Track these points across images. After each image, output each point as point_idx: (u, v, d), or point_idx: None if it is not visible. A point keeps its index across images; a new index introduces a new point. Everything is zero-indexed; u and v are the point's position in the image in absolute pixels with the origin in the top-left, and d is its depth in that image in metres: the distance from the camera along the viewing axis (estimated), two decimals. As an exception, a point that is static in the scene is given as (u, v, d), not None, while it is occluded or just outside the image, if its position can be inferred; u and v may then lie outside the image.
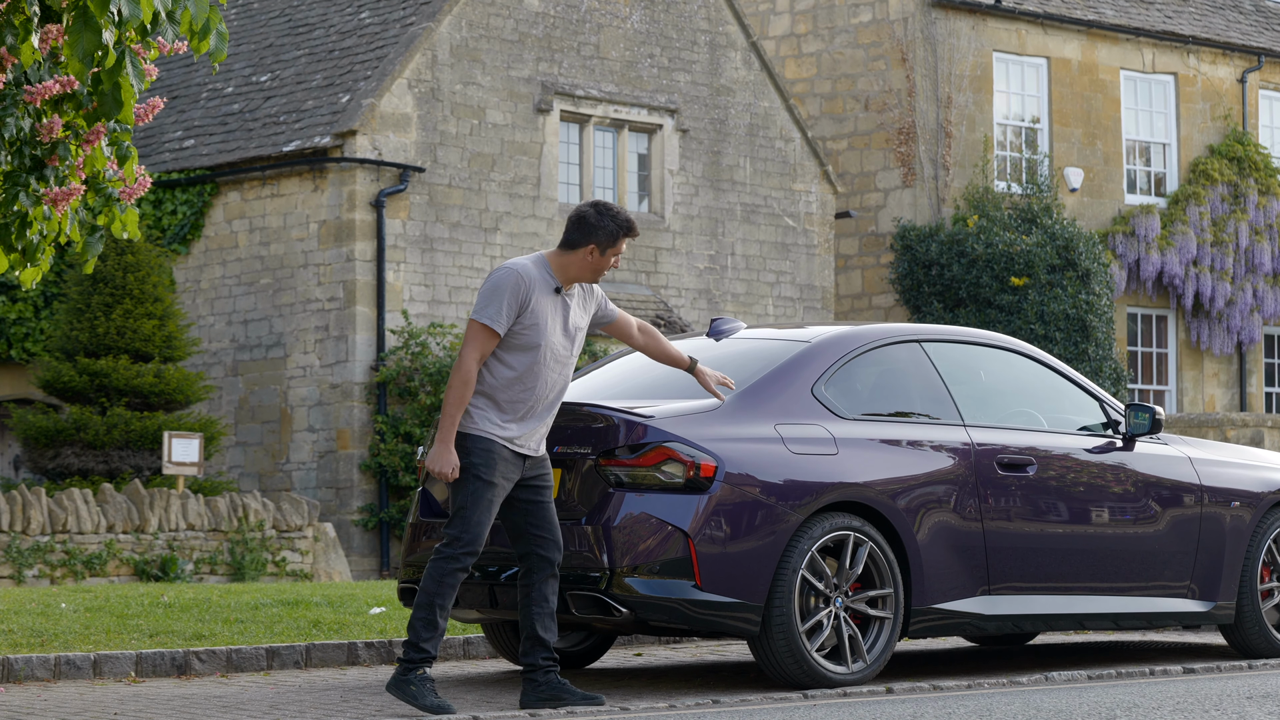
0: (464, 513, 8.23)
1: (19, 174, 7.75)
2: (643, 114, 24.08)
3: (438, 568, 8.21)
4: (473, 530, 8.22)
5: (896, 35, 27.19)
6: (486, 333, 8.20)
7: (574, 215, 8.43)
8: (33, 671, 9.59)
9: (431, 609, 8.18)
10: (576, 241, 8.38)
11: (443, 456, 8.18)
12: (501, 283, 8.23)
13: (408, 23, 22.79)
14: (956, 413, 9.73)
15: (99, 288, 20.50)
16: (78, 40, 6.85)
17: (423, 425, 21.61)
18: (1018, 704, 8.31)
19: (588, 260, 8.38)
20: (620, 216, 8.42)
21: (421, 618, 8.19)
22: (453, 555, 8.21)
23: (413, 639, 8.19)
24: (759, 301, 25.02)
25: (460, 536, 8.22)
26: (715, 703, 8.54)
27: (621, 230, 8.40)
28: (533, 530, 8.41)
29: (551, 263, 8.38)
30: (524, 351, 8.27)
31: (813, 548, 8.93)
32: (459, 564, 8.22)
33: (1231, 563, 10.41)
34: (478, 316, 8.22)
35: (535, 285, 8.27)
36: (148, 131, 24.17)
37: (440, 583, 8.20)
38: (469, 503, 8.23)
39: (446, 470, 8.18)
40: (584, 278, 8.44)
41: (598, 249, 8.37)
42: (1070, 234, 26.57)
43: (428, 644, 8.17)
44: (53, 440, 20.16)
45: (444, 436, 8.18)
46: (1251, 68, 30.03)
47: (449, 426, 8.17)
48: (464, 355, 8.19)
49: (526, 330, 8.25)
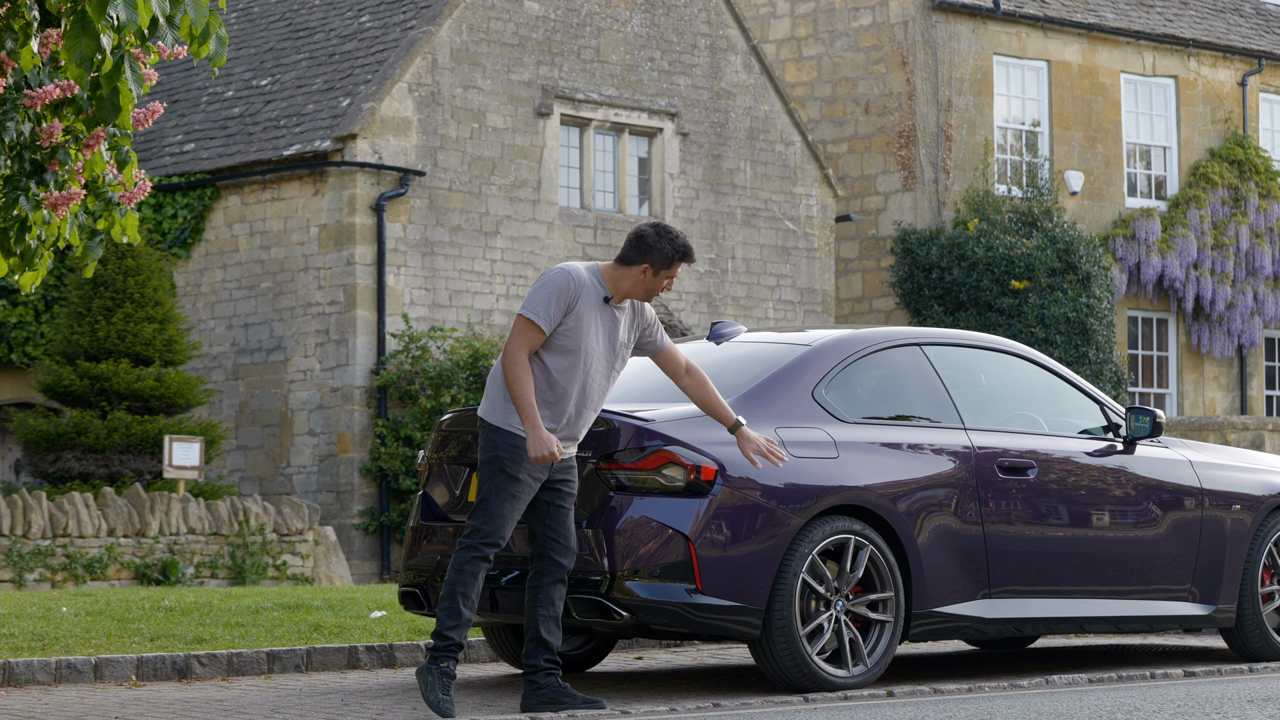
0: (487, 504, 8.29)
1: (19, 178, 7.75)
2: (643, 117, 24.08)
3: (460, 557, 8.28)
4: (495, 522, 8.26)
5: (897, 39, 27.19)
6: (532, 327, 8.25)
7: (634, 233, 8.49)
8: (34, 675, 9.59)
9: (454, 598, 8.23)
10: (632, 259, 8.44)
11: (541, 440, 8.18)
12: (552, 281, 8.30)
13: (408, 26, 22.79)
14: (957, 416, 9.73)
15: (100, 292, 20.50)
16: (75, 45, 6.85)
17: (423, 429, 21.60)
18: (1018, 707, 8.30)
19: (640, 279, 8.45)
20: (679, 241, 8.48)
21: (445, 607, 8.25)
22: (473, 545, 8.27)
23: (438, 629, 8.27)
24: (759, 305, 25.02)
25: (482, 528, 8.27)
26: (716, 706, 8.54)
27: (678, 254, 8.46)
28: (549, 533, 8.43)
29: (606, 274, 8.44)
30: (563, 354, 8.31)
31: (813, 551, 8.93)
32: (479, 553, 8.25)
33: (1232, 566, 10.41)
34: (524, 311, 8.28)
35: (584, 290, 8.33)
36: (148, 136, 24.18)
37: (461, 571, 8.25)
38: (492, 495, 8.28)
39: (550, 450, 8.18)
40: (636, 295, 8.49)
41: (651, 269, 8.44)
42: (1071, 237, 26.57)
43: (452, 632, 8.22)
44: (53, 444, 20.16)
45: (533, 424, 8.18)
46: (1252, 71, 30.04)
47: (532, 414, 8.17)
48: (511, 347, 8.24)
49: (569, 333, 8.30)
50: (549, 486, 8.42)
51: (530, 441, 8.20)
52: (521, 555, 8.94)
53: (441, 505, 9.42)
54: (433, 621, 11.23)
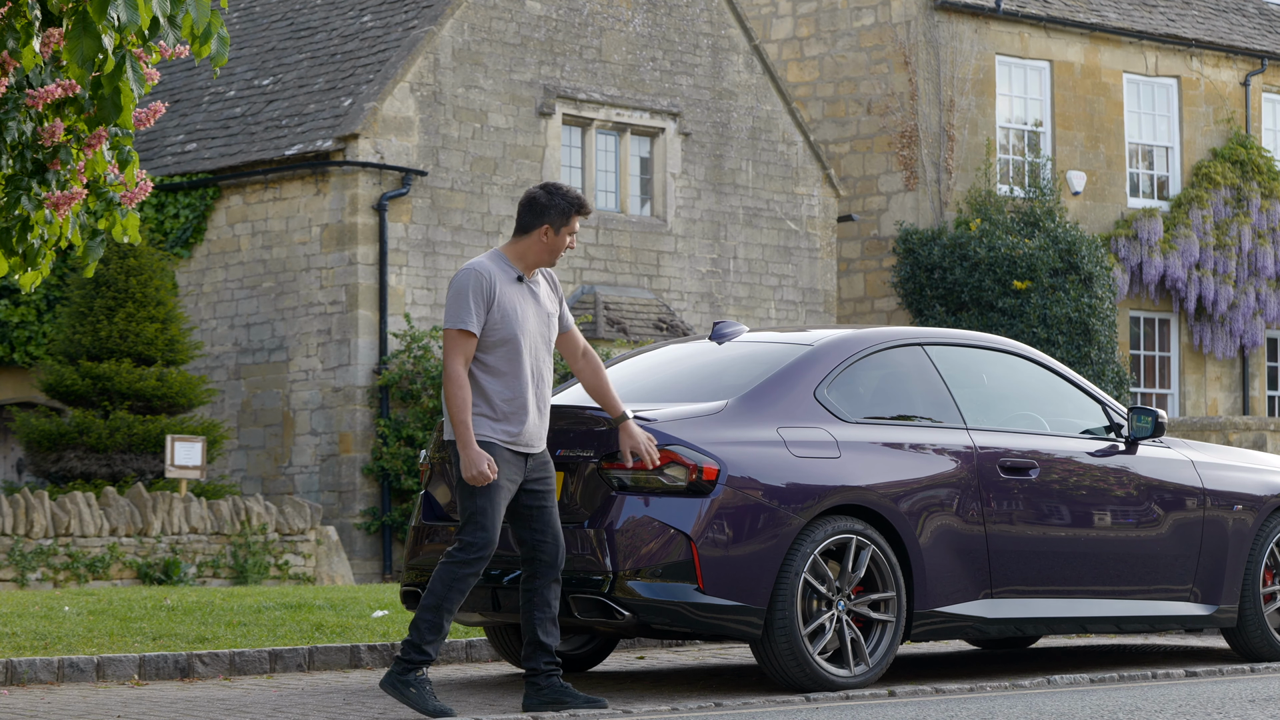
0: (476, 518, 8.22)
1: (20, 178, 7.76)
2: (645, 117, 24.08)
3: (449, 571, 8.19)
4: (486, 534, 8.21)
5: (899, 39, 27.19)
6: (462, 337, 8.21)
7: (524, 199, 8.45)
8: (36, 674, 9.60)
9: (439, 612, 8.17)
10: (530, 224, 8.39)
11: (473, 461, 8.14)
12: (463, 285, 8.25)
13: (410, 26, 22.79)
14: (959, 416, 9.73)
15: (101, 291, 20.51)
16: (77, 45, 6.85)
17: (425, 429, 21.61)
18: (1020, 707, 8.30)
19: (543, 242, 8.38)
20: (571, 194, 8.43)
21: (428, 620, 8.17)
22: (466, 560, 8.20)
23: (415, 639, 8.17)
24: (761, 305, 25.02)
25: (474, 542, 8.21)
26: (718, 706, 8.54)
27: (573, 207, 8.40)
28: (536, 536, 8.40)
29: (508, 254, 8.39)
30: (502, 346, 8.26)
31: (815, 551, 8.93)
32: (472, 569, 8.21)
33: (1234, 566, 10.40)
34: (450, 324, 8.23)
35: (496, 279, 8.28)
36: (150, 135, 24.18)
37: (450, 587, 8.19)
38: (482, 512, 8.21)
39: (480, 470, 8.14)
40: (543, 260, 8.42)
41: (551, 229, 8.37)
42: (1073, 237, 26.57)
43: (430, 646, 8.16)
44: (55, 443, 20.17)
45: (465, 443, 8.15)
46: (1254, 71, 30.03)
47: (465, 433, 8.14)
48: (450, 365, 8.19)
49: (499, 324, 8.25)
50: (527, 489, 8.37)
51: (463, 461, 8.15)
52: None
53: (444, 505, 9.42)
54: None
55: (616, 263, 23.79)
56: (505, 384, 8.27)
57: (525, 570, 8.44)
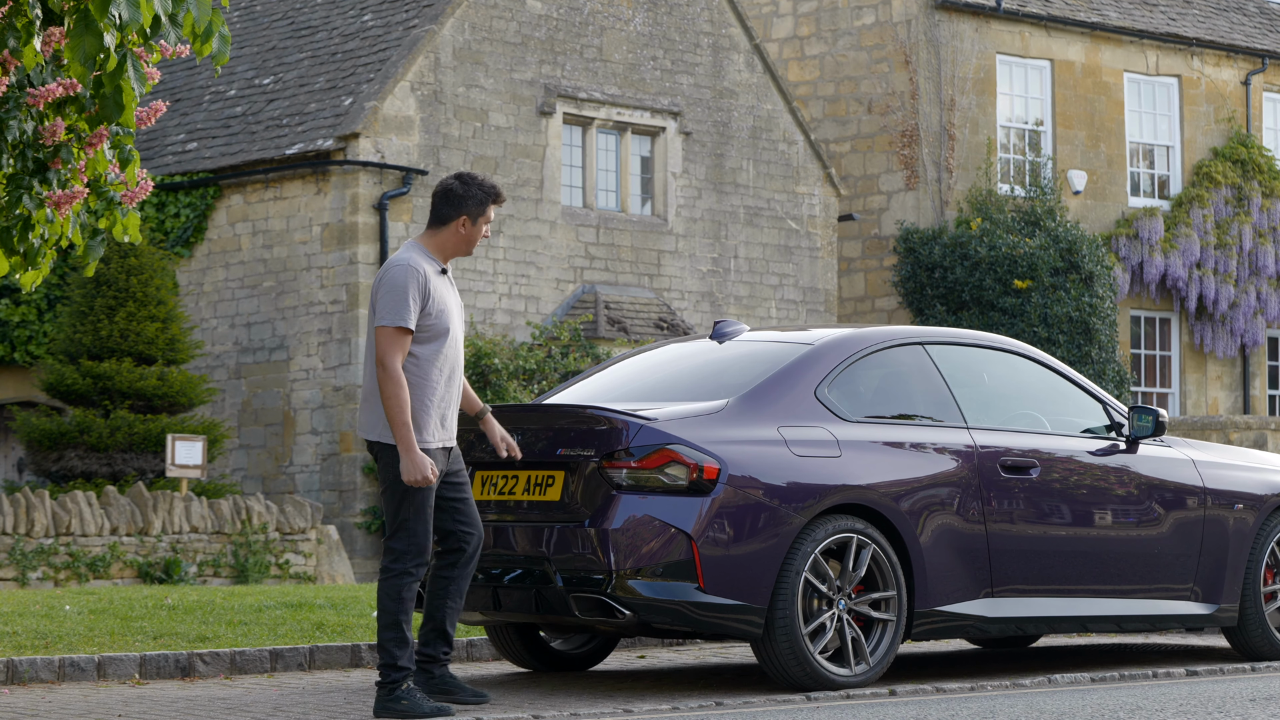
0: (408, 525, 8.16)
1: (21, 177, 7.76)
2: (645, 117, 24.08)
3: (393, 586, 8.14)
4: (419, 540, 8.17)
5: (899, 38, 27.19)
6: (399, 334, 8.10)
7: (439, 191, 8.39)
8: (37, 673, 9.60)
9: (399, 627, 8.14)
10: (448, 215, 8.34)
11: (417, 465, 8.06)
12: (399, 281, 8.14)
13: (410, 25, 22.80)
14: (960, 415, 9.73)
15: (102, 291, 20.51)
16: (79, 44, 6.86)
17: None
18: (1021, 706, 8.30)
19: (461, 233, 8.34)
20: (486, 183, 8.39)
21: (391, 637, 8.14)
22: (404, 570, 8.16)
23: (388, 660, 8.14)
24: (762, 304, 25.02)
25: (408, 550, 8.17)
26: (718, 705, 8.54)
27: (489, 197, 8.36)
28: (462, 528, 8.37)
29: (427, 246, 8.33)
30: (434, 340, 8.20)
31: (816, 550, 8.93)
32: (412, 576, 8.17)
33: (1235, 565, 10.40)
34: (389, 321, 8.09)
35: (428, 273, 8.22)
36: (150, 134, 24.18)
37: (400, 599, 8.15)
38: (411, 515, 8.15)
39: (425, 475, 8.07)
40: (460, 251, 8.38)
41: (469, 219, 8.33)
42: (1073, 237, 26.57)
43: (403, 660, 8.14)
44: (56, 443, 20.17)
45: (408, 446, 8.05)
46: (1255, 70, 30.03)
47: (408, 435, 8.04)
48: (390, 362, 8.06)
49: (435, 318, 8.19)
50: (448, 481, 8.34)
51: (405, 466, 8.06)
52: (524, 554, 8.94)
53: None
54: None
55: (617, 262, 23.79)
56: (436, 378, 8.21)
57: (444, 559, 8.39)
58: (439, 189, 8.40)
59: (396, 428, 8.06)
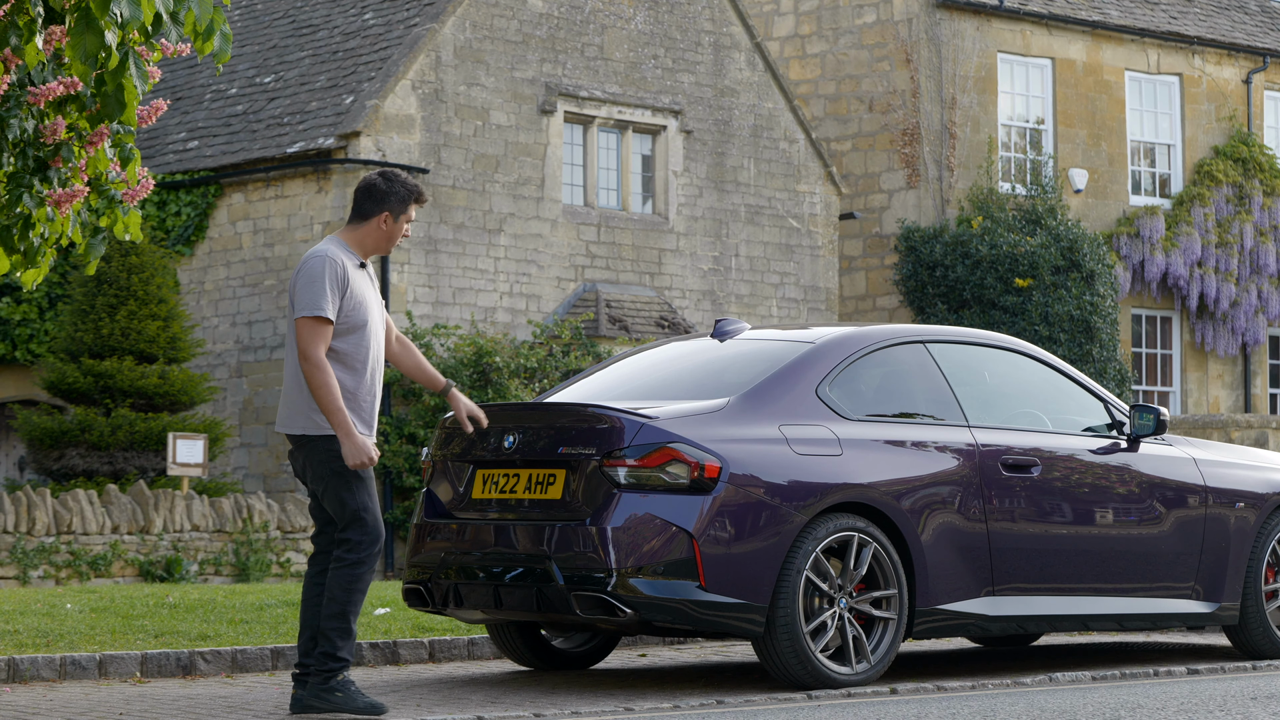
0: (360, 515, 8.13)
1: (22, 175, 7.76)
2: (647, 115, 24.08)
3: (346, 576, 8.10)
4: (373, 529, 8.14)
5: (901, 36, 27.18)
6: (320, 324, 8.07)
7: (362, 186, 8.37)
8: (38, 672, 9.60)
9: (345, 618, 8.10)
10: (370, 211, 8.33)
11: (358, 447, 8.03)
12: (318, 272, 8.12)
13: (411, 24, 22.79)
14: (961, 414, 9.73)
15: (103, 289, 20.52)
16: (80, 42, 6.86)
17: (427, 426, 21.61)
18: (1022, 705, 8.30)
19: (382, 229, 8.33)
20: (409, 182, 8.38)
21: (335, 627, 8.09)
22: (359, 560, 8.12)
23: (328, 649, 8.08)
24: (763, 303, 25.02)
25: (363, 539, 8.13)
26: (719, 703, 8.54)
27: (412, 195, 8.35)
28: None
29: (347, 241, 8.31)
30: (353, 332, 8.18)
31: (817, 549, 8.93)
32: (367, 566, 8.14)
33: (1236, 564, 10.40)
34: (308, 312, 8.06)
35: (347, 265, 8.20)
36: (152, 133, 24.18)
37: (351, 590, 8.11)
38: (361, 505, 8.13)
39: (370, 456, 8.05)
40: (381, 248, 8.37)
41: (391, 216, 8.32)
42: (1075, 235, 26.56)
43: (343, 651, 8.09)
44: (57, 441, 20.18)
45: (347, 431, 8.02)
46: (1257, 68, 30.02)
47: (345, 420, 8.01)
48: (313, 352, 8.03)
49: (353, 310, 8.17)
50: None
51: (346, 451, 8.04)
52: (525, 553, 8.93)
53: (445, 502, 9.42)
54: (437, 619, 11.24)
55: (618, 260, 23.79)
56: (358, 372, 8.19)
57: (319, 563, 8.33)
58: (362, 185, 8.38)
59: (332, 415, 8.02)
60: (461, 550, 9.20)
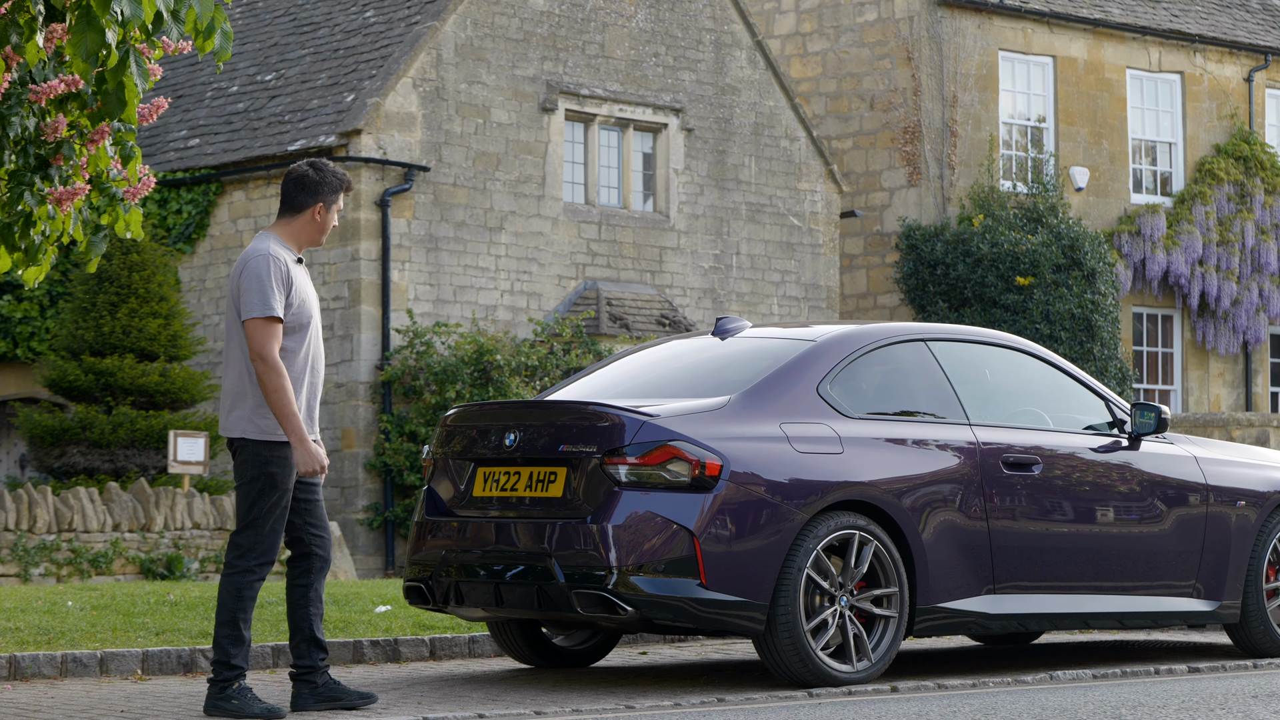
0: (259, 524, 8.03)
1: (24, 173, 7.76)
2: (648, 113, 24.08)
3: (234, 583, 8.03)
4: (267, 540, 8.05)
5: (902, 34, 27.18)
6: (271, 324, 7.96)
7: (292, 179, 8.26)
8: (40, 669, 9.60)
9: (235, 625, 8.03)
10: (303, 203, 8.23)
11: (310, 454, 7.97)
12: (263, 271, 8.02)
13: (412, 21, 22.79)
14: (962, 412, 9.73)
15: (104, 287, 20.52)
16: (81, 40, 6.86)
17: (428, 424, 21.61)
18: (1023, 703, 8.30)
19: (315, 220, 8.24)
20: (339, 171, 8.29)
21: (227, 635, 8.02)
22: (248, 568, 8.05)
23: (221, 657, 8.02)
24: (764, 301, 25.02)
25: (255, 548, 8.05)
26: (720, 701, 8.54)
27: (342, 184, 8.28)
28: (311, 530, 8.24)
29: (282, 236, 8.21)
30: (299, 331, 8.09)
31: (818, 547, 8.93)
32: (256, 575, 8.06)
33: (1237, 562, 10.40)
34: (258, 312, 7.95)
35: (288, 262, 8.11)
36: (152, 131, 24.19)
37: (240, 598, 8.03)
38: (264, 514, 8.03)
39: (320, 464, 7.99)
40: (314, 240, 8.27)
41: (324, 207, 8.24)
42: (1076, 233, 26.56)
43: (237, 659, 8.03)
44: (58, 439, 20.18)
45: (299, 438, 7.94)
46: (1258, 66, 30.01)
47: (298, 426, 7.92)
48: (268, 354, 7.91)
49: (297, 309, 8.08)
50: (302, 482, 8.21)
51: (299, 456, 7.95)
52: (526, 551, 8.93)
53: (446, 500, 9.42)
54: (438, 617, 11.24)
55: (619, 258, 23.79)
56: (302, 370, 8.10)
57: (298, 566, 8.28)
58: (292, 176, 8.27)
59: (286, 419, 7.91)
60: (462, 548, 9.20)
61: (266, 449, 8.03)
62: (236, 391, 8.11)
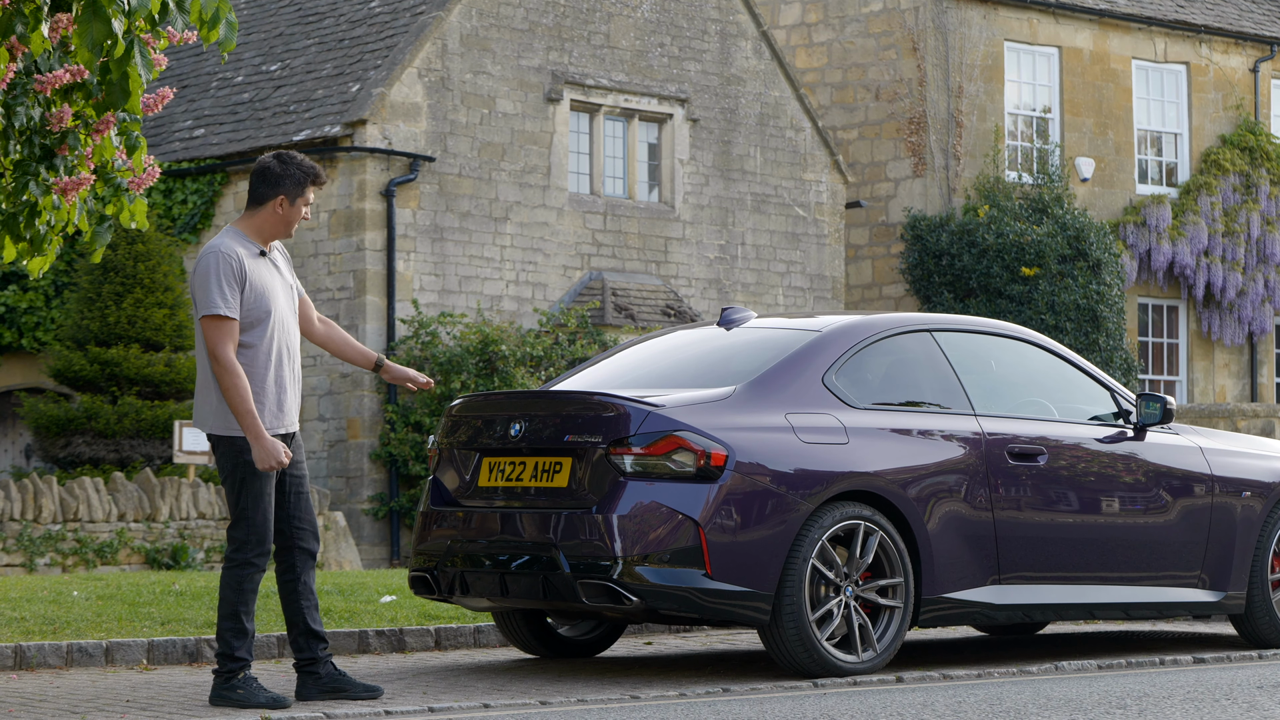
0: (247, 514, 8.07)
1: (29, 163, 7.76)
2: (653, 103, 24.06)
3: (234, 576, 8.07)
4: (259, 530, 8.08)
5: (907, 24, 27.15)
6: (223, 322, 7.96)
7: (256, 170, 8.23)
8: (45, 659, 9.61)
9: (237, 618, 8.06)
10: (265, 195, 8.18)
11: (267, 451, 7.96)
12: (211, 268, 8.00)
13: (418, 11, 22.78)
14: (967, 402, 9.72)
15: (110, 277, 20.53)
16: (87, 30, 6.86)
17: (433, 414, 21.62)
18: (1028, 693, 8.31)
19: (278, 213, 8.19)
20: (305, 163, 8.23)
21: (229, 628, 8.06)
22: (246, 560, 8.08)
23: (225, 650, 8.06)
24: (769, 291, 25.01)
25: (249, 539, 8.08)
26: (725, 691, 8.54)
27: (308, 176, 8.21)
28: (296, 523, 8.26)
29: (244, 230, 8.17)
30: (258, 325, 8.08)
31: (823, 537, 8.93)
32: (255, 567, 8.09)
33: (1242, 552, 10.40)
34: (207, 311, 7.96)
35: (243, 257, 8.07)
36: (158, 121, 24.19)
37: (240, 590, 8.07)
38: (250, 505, 8.06)
39: (277, 460, 7.98)
40: (279, 233, 8.22)
41: (287, 199, 8.18)
42: (1081, 224, 26.54)
43: (241, 651, 8.06)
44: (64, 429, 20.19)
45: (258, 434, 7.94)
46: (1264, 57, 29.97)
47: (255, 424, 7.93)
48: (222, 353, 7.92)
49: (254, 303, 8.06)
50: (286, 473, 8.23)
51: (256, 454, 7.95)
52: (531, 541, 8.93)
53: (452, 490, 9.42)
54: (443, 607, 11.25)
55: (624, 249, 23.79)
56: (264, 365, 8.10)
57: (285, 560, 8.30)
58: (257, 169, 8.24)
59: (241, 417, 7.95)
60: (468, 538, 9.21)
61: (237, 444, 8.09)
62: (204, 386, 8.16)
